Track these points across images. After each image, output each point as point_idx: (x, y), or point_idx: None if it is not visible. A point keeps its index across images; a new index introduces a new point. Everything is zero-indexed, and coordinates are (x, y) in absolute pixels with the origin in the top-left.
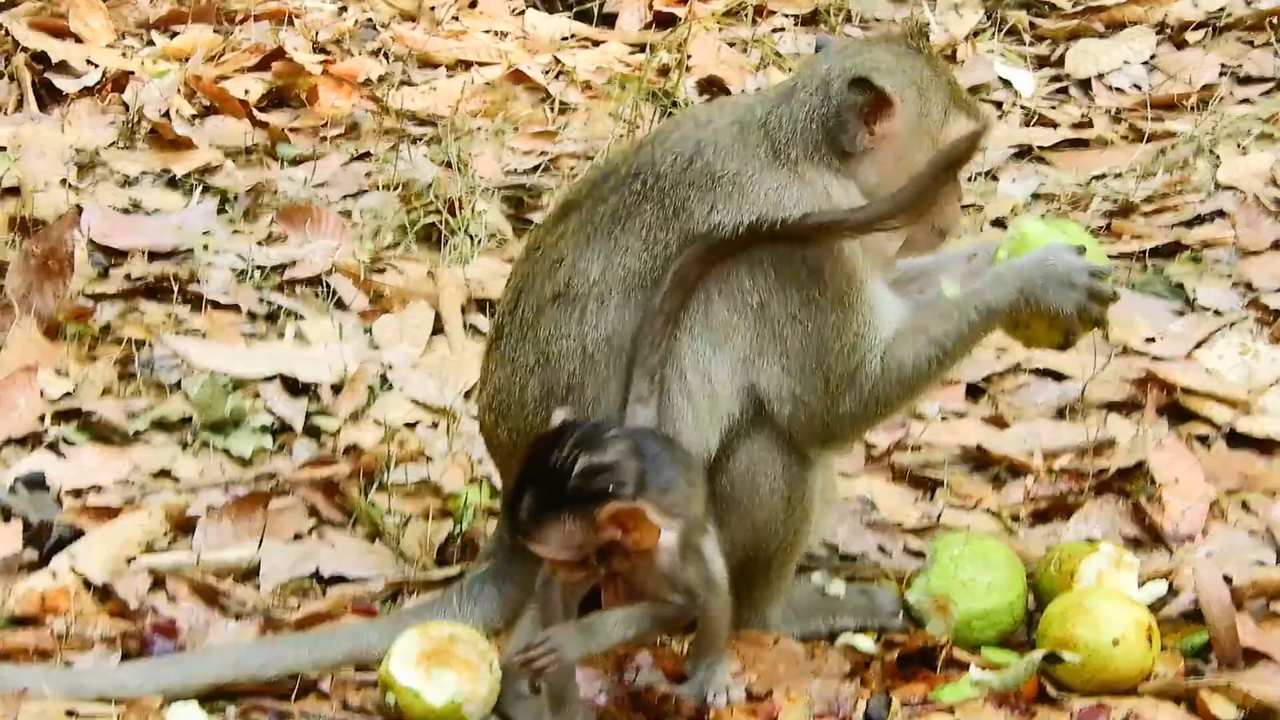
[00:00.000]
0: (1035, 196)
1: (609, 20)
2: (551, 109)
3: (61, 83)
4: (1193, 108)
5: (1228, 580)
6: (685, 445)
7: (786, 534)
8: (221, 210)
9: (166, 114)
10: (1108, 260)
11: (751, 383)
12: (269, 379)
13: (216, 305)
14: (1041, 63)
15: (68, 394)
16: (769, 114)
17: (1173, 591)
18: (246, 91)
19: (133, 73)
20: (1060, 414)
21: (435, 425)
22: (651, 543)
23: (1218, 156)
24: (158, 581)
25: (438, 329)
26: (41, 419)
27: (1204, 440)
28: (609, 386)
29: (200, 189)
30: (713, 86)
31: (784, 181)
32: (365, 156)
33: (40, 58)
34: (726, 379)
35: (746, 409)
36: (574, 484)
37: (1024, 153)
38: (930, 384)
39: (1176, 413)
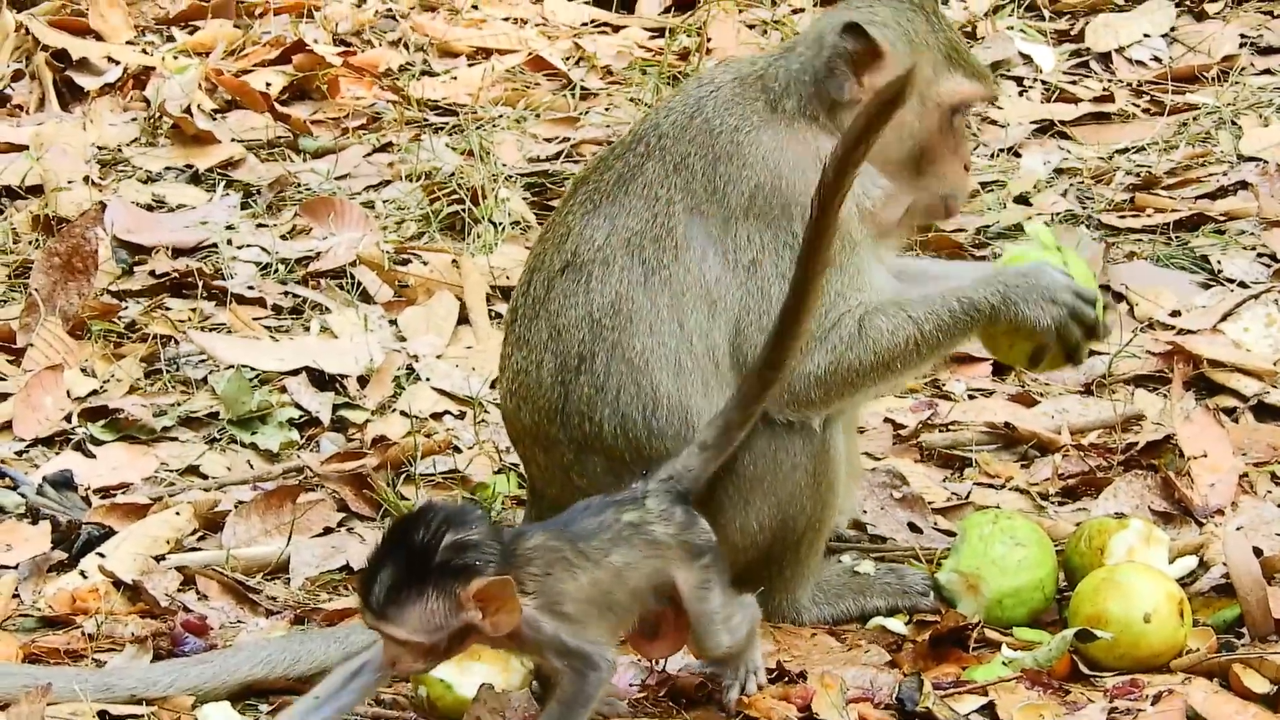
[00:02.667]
0: (1058, 172)
1: (628, 5)
2: (573, 95)
3: (83, 80)
4: (1214, 79)
5: (1258, 553)
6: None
7: (813, 510)
8: (244, 205)
9: (188, 109)
10: (1097, 289)
11: (738, 344)
12: (295, 373)
13: (241, 300)
14: (1061, 37)
15: (94, 392)
16: (767, 68)
17: (1203, 565)
18: (268, 85)
19: (153, 69)
20: (1087, 390)
21: (462, 415)
22: (513, 624)
23: (1240, 128)
24: (187, 579)
25: (463, 319)
26: (68, 418)
27: (1231, 413)
28: (617, 354)
29: (223, 184)
30: None
31: (780, 142)
32: (387, 147)
33: (61, 56)
34: (723, 343)
35: None
36: (440, 558)
37: (1046, 128)
38: (903, 364)
39: (1203, 386)
